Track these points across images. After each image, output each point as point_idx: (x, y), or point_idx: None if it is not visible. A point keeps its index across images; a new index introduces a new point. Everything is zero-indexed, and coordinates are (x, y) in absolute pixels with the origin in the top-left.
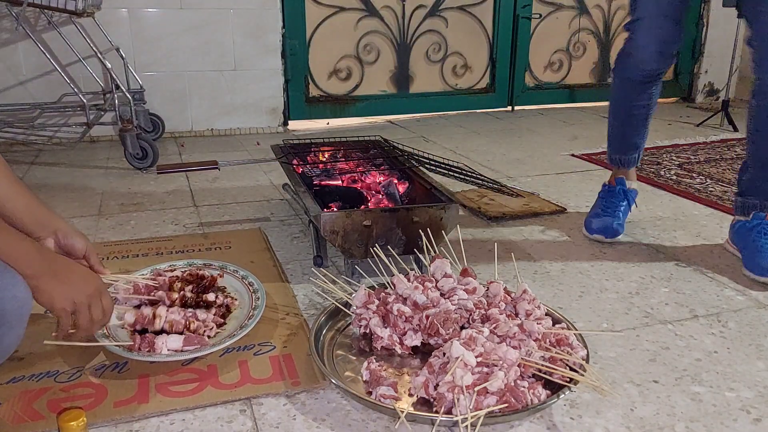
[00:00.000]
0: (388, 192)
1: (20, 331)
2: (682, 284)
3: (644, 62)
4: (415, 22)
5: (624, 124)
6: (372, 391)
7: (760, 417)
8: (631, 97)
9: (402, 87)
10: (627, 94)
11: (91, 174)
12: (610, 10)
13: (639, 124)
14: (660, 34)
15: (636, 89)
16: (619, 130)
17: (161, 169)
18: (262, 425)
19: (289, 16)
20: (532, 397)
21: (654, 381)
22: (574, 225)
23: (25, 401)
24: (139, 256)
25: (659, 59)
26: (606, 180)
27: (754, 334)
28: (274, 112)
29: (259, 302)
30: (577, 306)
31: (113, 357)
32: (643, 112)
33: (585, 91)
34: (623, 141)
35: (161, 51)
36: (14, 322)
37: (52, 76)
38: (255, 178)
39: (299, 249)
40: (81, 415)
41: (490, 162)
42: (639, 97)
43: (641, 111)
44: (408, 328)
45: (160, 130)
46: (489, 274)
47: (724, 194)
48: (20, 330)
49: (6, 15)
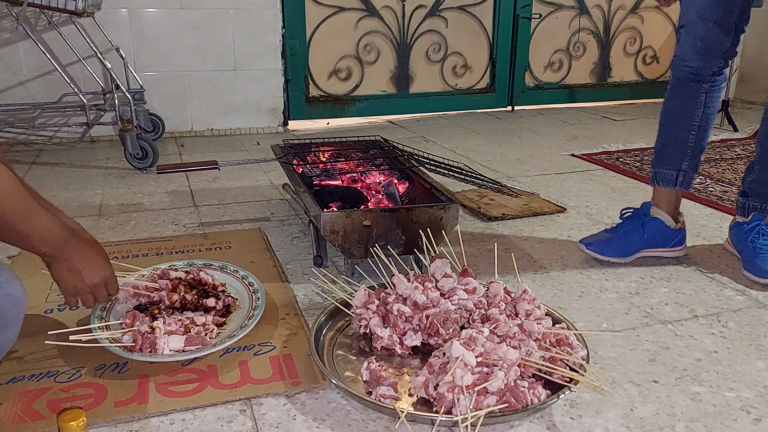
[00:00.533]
0: (388, 192)
1: (16, 329)
2: (682, 284)
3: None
4: (415, 22)
5: (663, 128)
6: (372, 391)
7: (760, 417)
8: (676, 97)
9: (402, 87)
10: (672, 93)
11: (91, 174)
12: (610, 10)
13: (680, 132)
14: (700, 36)
15: (682, 87)
16: (659, 138)
17: (161, 169)
18: (262, 425)
19: (289, 16)
20: (532, 397)
21: (654, 381)
22: (574, 225)
23: (25, 401)
24: (139, 256)
25: (698, 58)
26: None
27: (754, 334)
28: (274, 112)
29: (259, 302)
30: (577, 306)
31: (113, 357)
32: (686, 119)
33: (585, 91)
34: (661, 151)
35: (161, 51)
36: (9, 320)
37: (52, 76)
38: (255, 178)
39: (299, 249)
40: (81, 415)
41: (490, 162)
42: (685, 97)
43: (685, 117)
44: (408, 328)
45: (160, 130)
46: (489, 274)
47: (724, 194)
48: (16, 328)
49: (6, 15)
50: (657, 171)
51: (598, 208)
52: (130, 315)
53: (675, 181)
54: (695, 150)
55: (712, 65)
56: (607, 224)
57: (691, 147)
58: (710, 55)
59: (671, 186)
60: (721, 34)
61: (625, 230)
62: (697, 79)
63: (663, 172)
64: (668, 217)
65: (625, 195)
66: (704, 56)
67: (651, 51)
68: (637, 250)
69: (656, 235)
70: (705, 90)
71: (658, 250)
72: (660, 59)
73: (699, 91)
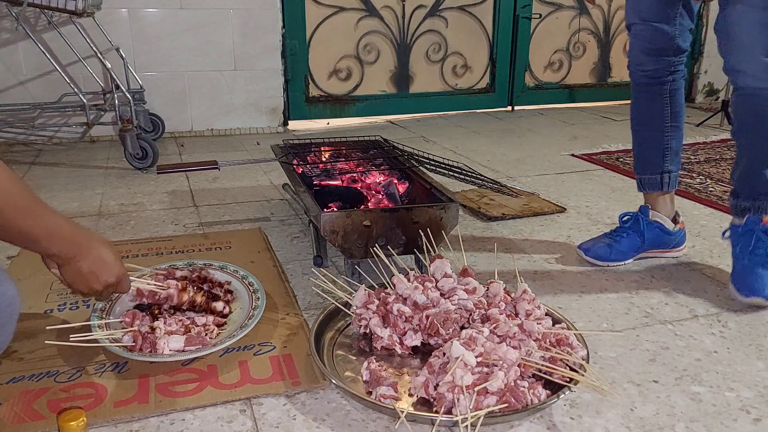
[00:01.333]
0: (388, 192)
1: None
2: (682, 284)
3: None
4: (415, 22)
5: (637, 134)
6: (372, 391)
7: (760, 417)
8: (641, 102)
9: (402, 87)
10: (636, 99)
11: (91, 174)
12: (610, 10)
13: (653, 136)
14: (647, 38)
15: (643, 92)
16: (635, 144)
17: (161, 169)
18: (262, 425)
19: (289, 16)
20: (532, 397)
21: (654, 381)
22: (574, 225)
23: (25, 401)
24: (139, 256)
25: (651, 60)
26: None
27: (754, 334)
28: (274, 112)
29: (259, 302)
30: (577, 306)
31: (113, 357)
32: (657, 121)
33: (585, 91)
34: (640, 157)
35: (161, 51)
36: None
37: (52, 76)
38: (255, 178)
39: (299, 249)
40: (81, 415)
41: (490, 162)
42: (649, 100)
43: (654, 120)
44: (408, 328)
45: (160, 130)
46: (489, 274)
47: (723, 194)
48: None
49: (6, 15)
50: (641, 177)
51: (598, 208)
52: (130, 314)
53: (661, 184)
54: (673, 149)
55: (666, 65)
56: (607, 224)
57: (668, 148)
58: (662, 55)
59: (658, 189)
60: (667, 33)
61: (624, 235)
62: (656, 81)
63: (647, 177)
64: (667, 220)
65: (625, 195)
66: (656, 58)
67: None
68: (637, 253)
69: (656, 238)
70: (667, 90)
71: (658, 252)
72: None
73: (662, 92)
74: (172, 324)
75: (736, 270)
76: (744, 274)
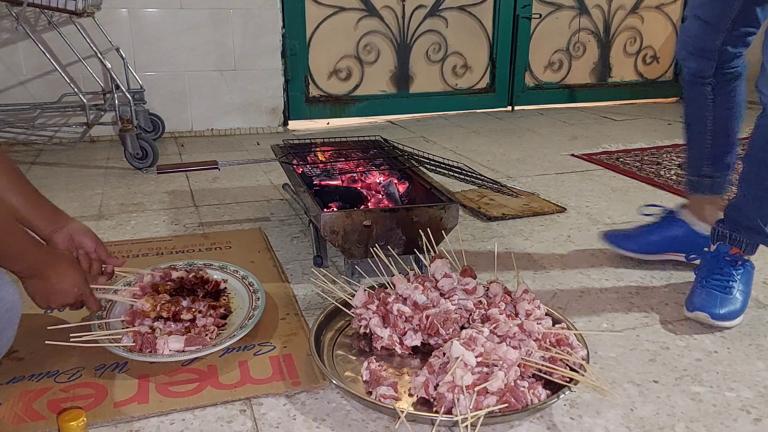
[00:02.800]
0: (388, 192)
1: (11, 333)
2: (682, 284)
3: (683, 59)
4: (415, 22)
5: (684, 133)
6: (372, 391)
7: (760, 417)
8: (686, 98)
9: (402, 87)
10: (686, 96)
11: (91, 174)
12: (610, 10)
13: (696, 137)
14: (692, 34)
15: (691, 90)
16: (684, 143)
17: (161, 169)
18: (262, 425)
19: (289, 16)
20: (532, 397)
21: (654, 381)
22: (574, 225)
23: (25, 401)
24: (139, 256)
25: (691, 58)
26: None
27: (754, 334)
28: (274, 112)
29: (259, 302)
30: (577, 306)
31: (113, 357)
32: (698, 123)
33: (585, 91)
34: (686, 156)
35: (161, 51)
36: (4, 324)
37: (52, 76)
38: (255, 178)
39: (299, 249)
40: (81, 415)
41: (490, 162)
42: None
43: (696, 120)
44: (408, 328)
45: (160, 130)
46: (489, 274)
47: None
48: (11, 333)
49: (6, 15)
50: (686, 177)
51: (598, 208)
52: (130, 313)
53: (699, 187)
54: (715, 154)
55: (707, 66)
56: (607, 224)
57: (708, 151)
58: (703, 56)
59: (696, 192)
60: (714, 36)
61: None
62: (699, 81)
63: (689, 178)
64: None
65: (625, 195)
66: (697, 57)
67: (651, 51)
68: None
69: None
70: (710, 91)
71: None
72: (660, 59)
73: (705, 92)
74: (172, 324)
75: (693, 288)
76: (696, 292)
